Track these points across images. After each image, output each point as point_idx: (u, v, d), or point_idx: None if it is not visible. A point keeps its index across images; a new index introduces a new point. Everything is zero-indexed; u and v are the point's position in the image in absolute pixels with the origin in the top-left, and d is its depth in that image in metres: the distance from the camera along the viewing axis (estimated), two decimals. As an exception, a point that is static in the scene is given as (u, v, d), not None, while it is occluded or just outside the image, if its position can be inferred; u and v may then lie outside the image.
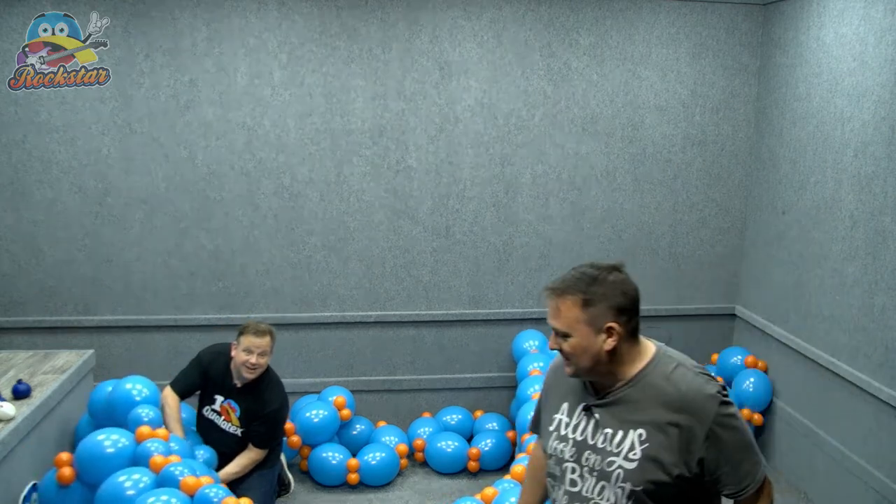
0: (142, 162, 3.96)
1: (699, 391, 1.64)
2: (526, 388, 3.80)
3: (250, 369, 3.22)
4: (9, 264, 4.00)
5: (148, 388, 3.27)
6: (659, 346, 1.75)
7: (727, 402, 1.65)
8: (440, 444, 4.07)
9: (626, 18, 4.10)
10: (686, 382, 1.65)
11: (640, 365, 1.70)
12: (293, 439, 3.88)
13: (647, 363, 1.70)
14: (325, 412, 3.90)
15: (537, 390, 3.73)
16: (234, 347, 3.26)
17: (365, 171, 4.11)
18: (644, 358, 1.71)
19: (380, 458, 3.93)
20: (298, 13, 3.89)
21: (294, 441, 3.88)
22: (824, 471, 3.70)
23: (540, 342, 4.20)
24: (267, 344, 3.25)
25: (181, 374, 3.37)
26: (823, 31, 3.66)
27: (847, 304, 3.50)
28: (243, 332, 3.24)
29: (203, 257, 4.11)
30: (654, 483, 1.63)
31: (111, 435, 2.91)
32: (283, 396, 3.37)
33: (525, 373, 3.98)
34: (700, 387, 1.65)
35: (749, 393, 4.12)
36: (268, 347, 3.26)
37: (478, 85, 4.08)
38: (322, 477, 3.93)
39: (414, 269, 4.27)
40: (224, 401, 3.33)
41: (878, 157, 3.27)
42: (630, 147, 4.26)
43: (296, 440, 3.89)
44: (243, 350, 3.21)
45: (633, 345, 1.71)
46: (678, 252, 4.43)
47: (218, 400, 3.33)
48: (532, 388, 3.78)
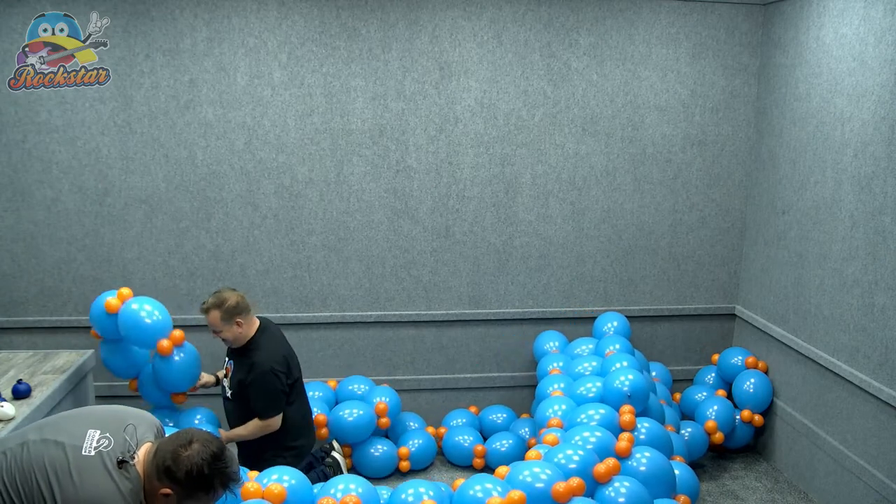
0: (142, 162, 3.96)
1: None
2: (546, 387, 3.85)
3: (224, 341, 3.42)
4: (9, 264, 4.00)
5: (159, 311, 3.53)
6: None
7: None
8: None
9: (626, 18, 4.10)
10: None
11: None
12: (322, 432, 3.88)
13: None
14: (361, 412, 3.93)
15: (557, 388, 3.81)
16: None
17: (365, 171, 4.11)
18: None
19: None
20: (298, 13, 3.89)
21: (322, 434, 3.88)
22: (824, 471, 3.70)
23: (560, 343, 4.27)
24: (213, 320, 3.34)
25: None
26: (823, 31, 3.66)
27: (847, 304, 3.50)
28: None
29: (203, 257, 4.11)
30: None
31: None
32: (275, 360, 3.37)
33: (545, 371, 4.04)
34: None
35: (749, 393, 4.12)
36: (217, 323, 3.34)
37: (478, 85, 4.08)
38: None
39: (414, 269, 4.27)
40: (228, 362, 3.50)
41: (878, 157, 3.27)
42: (630, 147, 4.26)
43: (324, 433, 3.90)
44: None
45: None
46: (678, 252, 4.44)
47: (226, 361, 3.52)
48: (551, 386, 3.83)
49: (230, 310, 3.31)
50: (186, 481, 1.93)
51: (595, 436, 3.18)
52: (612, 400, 3.50)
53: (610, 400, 3.52)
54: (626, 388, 3.49)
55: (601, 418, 3.35)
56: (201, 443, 1.98)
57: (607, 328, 4.22)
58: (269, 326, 3.51)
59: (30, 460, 1.95)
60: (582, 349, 4.15)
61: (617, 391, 3.50)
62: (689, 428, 3.98)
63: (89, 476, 1.93)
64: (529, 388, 4.43)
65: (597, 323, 4.31)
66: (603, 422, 3.34)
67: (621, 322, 4.25)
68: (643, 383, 3.52)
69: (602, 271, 4.40)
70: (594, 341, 4.18)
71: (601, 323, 4.28)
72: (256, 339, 3.40)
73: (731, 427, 4.08)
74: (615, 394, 3.50)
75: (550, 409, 3.61)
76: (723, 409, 4.06)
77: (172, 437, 2.04)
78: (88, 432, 2.01)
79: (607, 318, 4.28)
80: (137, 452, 2.01)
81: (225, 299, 3.32)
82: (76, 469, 1.93)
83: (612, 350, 3.91)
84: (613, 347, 3.93)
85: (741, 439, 4.17)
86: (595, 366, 3.86)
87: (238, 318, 3.32)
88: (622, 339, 4.03)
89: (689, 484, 3.39)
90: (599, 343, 4.08)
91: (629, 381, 3.51)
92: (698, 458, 4.05)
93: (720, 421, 4.02)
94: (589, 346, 4.16)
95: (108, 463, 1.96)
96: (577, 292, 4.41)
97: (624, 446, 3.17)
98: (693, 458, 4.01)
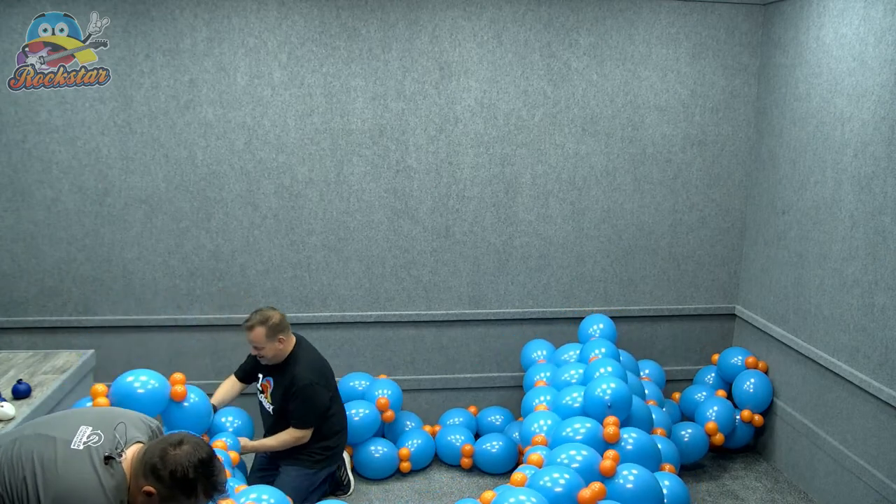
0: (142, 162, 3.96)
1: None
2: (531, 401, 3.80)
3: (261, 358, 3.45)
4: (9, 264, 4.00)
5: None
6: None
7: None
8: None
9: (626, 18, 4.10)
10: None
11: None
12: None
13: None
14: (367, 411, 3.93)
15: (541, 402, 3.75)
16: None
17: (365, 171, 4.11)
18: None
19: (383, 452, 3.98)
20: (298, 13, 3.89)
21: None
22: (824, 471, 3.70)
23: (548, 351, 4.22)
24: (258, 337, 3.39)
25: (244, 361, 3.67)
26: (823, 31, 3.66)
27: (847, 304, 3.50)
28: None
29: (203, 257, 4.11)
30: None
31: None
32: (316, 375, 3.48)
33: (531, 383, 3.99)
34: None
35: (749, 393, 4.12)
36: (261, 340, 3.39)
37: (478, 85, 4.08)
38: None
39: (414, 269, 4.27)
40: (264, 378, 3.55)
41: (878, 157, 3.27)
42: (630, 147, 4.26)
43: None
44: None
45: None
46: (678, 252, 4.44)
47: (260, 377, 3.57)
48: (536, 399, 3.77)
49: (274, 327, 3.38)
50: (170, 481, 1.92)
51: (581, 454, 3.10)
52: (594, 410, 3.42)
53: (592, 410, 3.43)
54: (606, 396, 3.39)
55: (586, 433, 3.27)
56: (191, 445, 1.97)
57: (592, 330, 4.13)
58: (302, 341, 3.58)
59: (20, 453, 1.97)
60: (569, 355, 4.05)
61: (598, 400, 3.41)
62: (690, 429, 3.98)
63: (73, 468, 1.93)
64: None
65: (582, 326, 4.22)
66: (588, 436, 3.26)
67: (607, 324, 4.14)
68: (624, 391, 3.43)
69: (602, 271, 4.40)
70: (580, 346, 4.10)
71: (586, 326, 4.19)
72: (294, 353, 3.50)
73: (731, 428, 4.07)
74: (596, 403, 3.41)
75: (535, 424, 3.54)
76: (723, 409, 4.06)
77: (164, 437, 2.04)
78: (81, 428, 2.03)
79: (592, 321, 4.18)
80: (126, 451, 2.01)
81: (269, 317, 3.39)
82: (62, 461, 1.94)
83: (596, 355, 3.82)
84: (598, 352, 3.84)
85: (741, 439, 4.17)
86: (580, 373, 3.78)
87: (280, 335, 3.41)
88: (607, 342, 3.93)
89: (678, 496, 3.29)
90: (584, 348, 3.98)
91: (610, 389, 3.40)
92: (699, 459, 4.05)
93: (720, 422, 4.02)
94: (576, 351, 4.07)
95: (94, 458, 1.96)
96: (577, 292, 4.41)
97: (608, 465, 3.09)
98: (693, 460, 4.01)
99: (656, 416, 3.81)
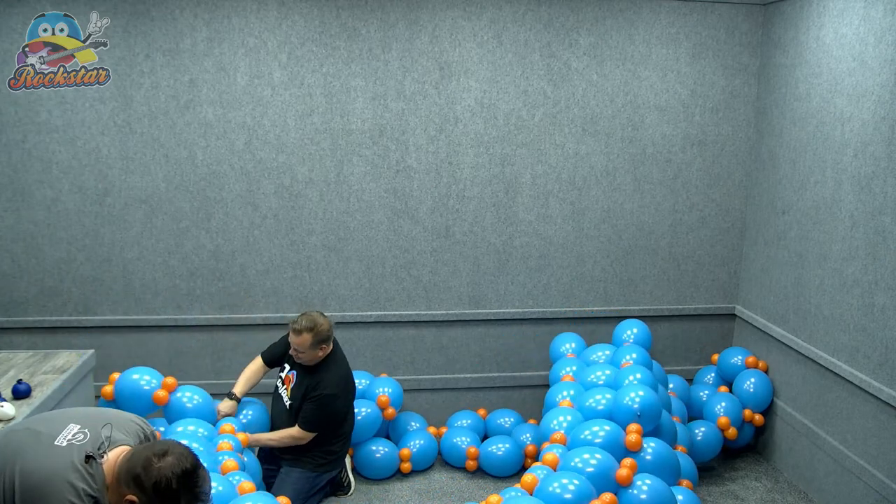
0: (142, 162, 3.96)
1: None
2: (555, 394, 3.74)
3: (298, 358, 3.46)
4: (9, 264, 4.00)
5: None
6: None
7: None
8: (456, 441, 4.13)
9: (626, 18, 4.10)
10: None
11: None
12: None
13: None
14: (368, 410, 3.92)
15: (566, 398, 3.67)
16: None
17: (365, 171, 4.11)
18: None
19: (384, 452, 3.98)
20: (298, 13, 3.89)
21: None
22: (824, 471, 3.70)
23: (577, 345, 4.15)
24: (304, 342, 3.39)
25: (273, 343, 3.69)
26: (823, 31, 3.66)
27: (847, 304, 3.50)
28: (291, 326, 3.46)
29: (203, 257, 4.11)
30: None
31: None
32: (341, 388, 3.49)
33: (557, 377, 3.92)
34: None
35: (749, 393, 4.12)
36: (306, 346, 3.40)
37: (478, 85, 4.08)
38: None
39: (414, 269, 4.27)
40: (290, 370, 3.55)
41: (878, 157, 3.27)
42: (630, 147, 4.26)
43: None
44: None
45: None
46: (678, 252, 4.44)
47: (286, 368, 3.57)
48: (560, 395, 3.71)
49: (321, 335, 3.40)
50: (153, 492, 1.91)
51: (595, 458, 3.02)
52: (621, 416, 3.32)
53: (618, 416, 3.33)
54: (636, 405, 3.29)
55: (605, 436, 3.18)
56: (176, 456, 1.95)
57: (627, 335, 4.04)
58: (337, 349, 3.59)
59: (7, 446, 2.00)
60: (598, 355, 3.95)
61: (626, 408, 3.30)
62: (703, 427, 3.95)
63: (49, 464, 1.94)
64: (532, 389, 4.43)
65: (616, 330, 4.15)
66: (607, 440, 3.17)
67: (641, 330, 4.06)
68: (655, 401, 3.32)
69: (602, 271, 4.40)
70: (612, 347, 3.99)
71: (621, 330, 4.11)
72: (327, 359, 3.51)
73: (741, 422, 4.05)
74: (624, 410, 3.31)
75: (556, 420, 3.47)
76: (730, 404, 4.05)
77: (149, 445, 2.03)
78: (69, 426, 2.05)
79: (627, 326, 4.09)
80: (108, 453, 2.01)
81: (319, 324, 3.39)
82: (43, 456, 1.96)
83: (628, 361, 3.72)
84: (630, 357, 3.73)
85: (742, 439, 4.17)
86: (609, 374, 3.68)
87: (323, 344, 3.44)
88: (640, 349, 3.83)
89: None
90: (616, 352, 3.88)
91: (640, 397, 3.30)
92: (712, 458, 4.04)
93: (730, 416, 4.00)
94: (606, 352, 3.96)
95: (75, 455, 1.97)
96: (577, 292, 4.41)
97: (625, 475, 3.01)
98: (706, 459, 4.00)
99: (680, 433, 3.70)
